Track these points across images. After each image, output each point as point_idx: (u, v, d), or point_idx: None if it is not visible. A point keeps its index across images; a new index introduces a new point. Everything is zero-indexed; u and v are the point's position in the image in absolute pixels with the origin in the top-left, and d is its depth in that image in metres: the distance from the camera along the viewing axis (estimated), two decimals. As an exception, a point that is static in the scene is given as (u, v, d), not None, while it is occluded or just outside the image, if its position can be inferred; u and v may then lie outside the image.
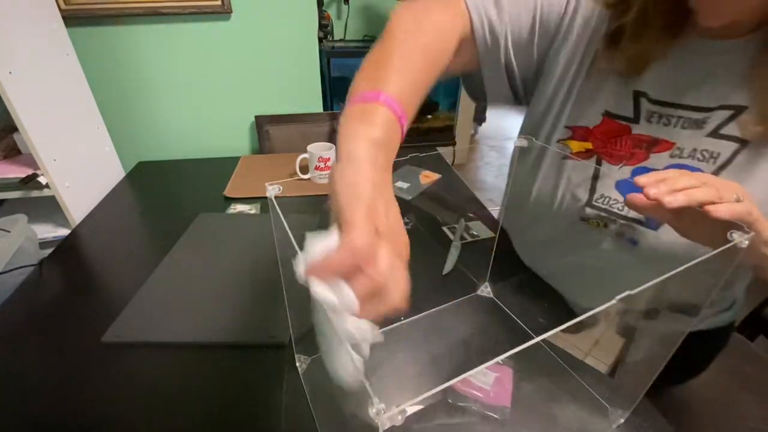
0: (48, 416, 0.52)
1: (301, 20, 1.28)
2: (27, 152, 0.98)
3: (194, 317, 0.65)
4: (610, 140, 0.53)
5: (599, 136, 0.53)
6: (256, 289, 0.71)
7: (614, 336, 0.57)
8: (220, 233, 0.88)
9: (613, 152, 0.53)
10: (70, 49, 1.04)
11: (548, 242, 0.65)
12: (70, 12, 1.10)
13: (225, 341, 0.61)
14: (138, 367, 0.58)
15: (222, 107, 1.36)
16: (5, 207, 1.02)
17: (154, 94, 1.29)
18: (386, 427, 0.21)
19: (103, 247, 0.89)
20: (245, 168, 1.20)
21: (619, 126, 0.52)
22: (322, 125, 1.39)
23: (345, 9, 1.90)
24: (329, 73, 1.72)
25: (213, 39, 1.24)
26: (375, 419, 0.21)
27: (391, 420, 0.21)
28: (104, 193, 1.08)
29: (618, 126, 0.52)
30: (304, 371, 0.56)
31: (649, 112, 0.50)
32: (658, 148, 0.49)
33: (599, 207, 0.54)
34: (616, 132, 0.52)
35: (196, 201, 1.03)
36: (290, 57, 1.32)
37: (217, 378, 0.56)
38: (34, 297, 0.73)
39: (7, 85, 0.79)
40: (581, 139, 0.55)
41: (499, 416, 0.50)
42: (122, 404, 0.53)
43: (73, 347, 0.61)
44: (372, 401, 0.21)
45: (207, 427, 0.50)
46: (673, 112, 0.48)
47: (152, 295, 0.70)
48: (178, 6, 1.16)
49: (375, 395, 0.21)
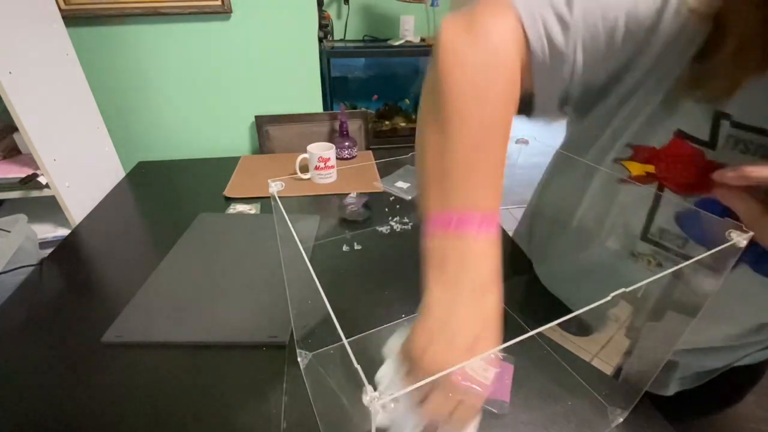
0: (48, 416, 0.52)
1: (301, 20, 1.28)
2: (27, 152, 0.98)
3: (194, 317, 0.65)
4: (677, 165, 0.45)
5: (666, 159, 0.45)
6: (256, 288, 0.71)
7: (621, 338, 0.57)
8: (220, 233, 0.88)
9: (679, 179, 0.45)
10: (70, 49, 1.04)
11: (585, 274, 0.58)
12: (70, 12, 1.10)
13: (225, 341, 0.61)
14: (138, 367, 0.58)
15: (222, 107, 1.36)
16: (5, 207, 1.02)
17: (154, 94, 1.29)
18: (379, 413, 0.21)
19: (103, 247, 0.89)
20: (245, 168, 1.20)
21: (691, 150, 0.43)
22: (322, 125, 1.39)
23: (345, 9, 1.90)
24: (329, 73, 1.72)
25: (213, 39, 1.24)
26: (368, 406, 0.21)
27: (385, 408, 0.21)
28: (104, 193, 1.08)
29: (690, 150, 0.43)
30: (305, 367, 0.57)
31: (727, 137, 0.41)
32: None
33: (655, 242, 0.47)
34: (686, 156, 0.44)
35: (196, 201, 1.03)
36: (290, 57, 1.32)
37: (217, 378, 0.56)
38: (34, 297, 0.73)
39: (7, 85, 0.79)
40: (644, 161, 0.47)
41: (497, 410, 0.50)
42: (122, 404, 0.53)
43: (73, 347, 0.61)
44: (365, 389, 0.22)
45: (207, 427, 0.50)
46: (756, 138, 0.40)
47: (152, 295, 0.70)
48: (178, 6, 1.16)
49: (368, 384, 0.22)
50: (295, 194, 1.04)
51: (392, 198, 1.03)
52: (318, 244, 0.85)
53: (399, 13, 1.93)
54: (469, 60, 0.36)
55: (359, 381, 0.23)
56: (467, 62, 0.36)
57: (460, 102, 0.35)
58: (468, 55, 0.36)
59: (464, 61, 0.36)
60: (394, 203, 1.01)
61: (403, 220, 0.93)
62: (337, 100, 1.85)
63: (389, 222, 0.92)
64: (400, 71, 2.12)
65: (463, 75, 0.35)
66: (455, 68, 0.36)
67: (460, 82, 0.35)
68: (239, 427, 0.50)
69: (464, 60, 0.36)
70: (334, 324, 0.26)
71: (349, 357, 0.23)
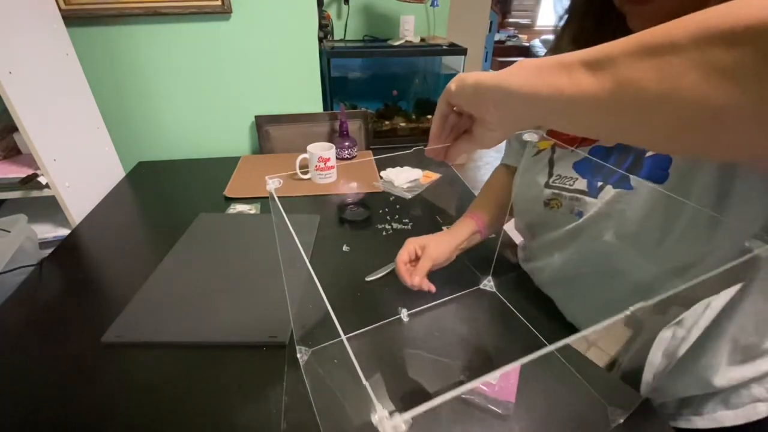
0: (48, 416, 0.52)
1: (301, 20, 1.28)
2: (27, 152, 0.98)
3: (194, 317, 0.65)
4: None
5: (563, 133, 0.56)
6: (256, 288, 0.71)
7: (622, 328, 0.57)
8: (220, 233, 0.88)
9: (566, 140, 0.56)
10: (70, 49, 1.04)
11: (536, 228, 0.66)
12: (70, 12, 1.10)
13: (225, 341, 0.61)
14: (138, 367, 0.58)
15: (222, 107, 1.36)
16: (5, 207, 1.02)
17: (154, 94, 1.29)
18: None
19: (103, 247, 0.89)
20: (245, 168, 1.20)
21: None
22: (322, 125, 1.39)
23: (345, 9, 1.90)
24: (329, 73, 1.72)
25: (213, 39, 1.24)
26: (378, 426, 0.19)
27: (396, 429, 0.19)
28: (104, 193, 1.08)
29: None
30: (305, 363, 0.57)
31: None
32: None
33: (554, 186, 0.56)
34: None
35: (196, 201, 1.03)
36: (290, 57, 1.32)
37: (217, 378, 0.56)
38: (34, 297, 0.73)
39: (7, 85, 0.79)
40: (547, 138, 0.59)
41: (502, 411, 0.50)
42: (122, 404, 0.53)
43: (73, 347, 0.61)
44: (375, 407, 0.20)
45: (207, 427, 0.50)
46: None
47: (152, 295, 0.70)
48: (178, 6, 1.16)
49: (378, 400, 0.20)
50: (295, 194, 1.04)
51: (392, 198, 1.03)
52: (318, 245, 0.85)
53: (399, 13, 1.93)
54: None
55: (367, 397, 0.21)
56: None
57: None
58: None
59: None
60: (394, 203, 1.01)
61: (403, 220, 0.93)
62: (337, 100, 1.85)
63: (389, 222, 0.92)
64: (400, 71, 2.13)
65: None
66: None
67: None
68: (239, 427, 0.50)
69: None
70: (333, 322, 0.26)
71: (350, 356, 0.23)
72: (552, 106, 0.29)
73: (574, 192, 0.54)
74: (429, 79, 2.17)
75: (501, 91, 0.31)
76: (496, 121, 0.34)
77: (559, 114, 0.30)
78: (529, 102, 0.30)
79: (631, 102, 0.25)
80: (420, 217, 0.95)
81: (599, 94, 0.26)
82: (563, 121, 0.30)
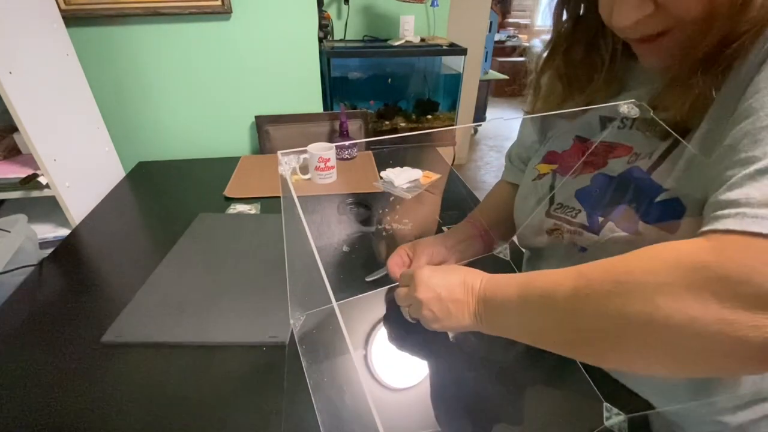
0: (48, 416, 0.52)
1: (301, 20, 1.28)
2: (27, 152, 0.98)
3: (194, 317, 0.65)
4: (570, 158, 0.55)
5: (563, 155, 0.56)
6: (256, 288, 0.71)
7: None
8: (220, 233, 0.88)
9: (568, 166, 0.55)
10: (70, 49, 1.04)
11: (543, 261, 0.63)
12: (70, 12, 1.10)
13: (225, 341, 0.61)
14: (138, 367, 0.58)
15: (222, 107, 1.36)
16: (5, 207, 1.02)
17: (154, 94, 1.29)
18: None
19: (103, 247, 0.89)
20: (245, 168, 1.20)
21: (584, 146, 0.54)
22: (322, 125, 1.39)
23: (345, 9, 1.90)
24: (329, 73, 1.72)
25: (213, 39, 1.24)
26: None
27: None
28: (104, 193, 1.08)
29: (584, 147, 0.54)
30: (298, 330, 0.57)
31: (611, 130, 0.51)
32: (614, 154, 0.49)
33: (555, 216, 0.54)
34: (581, 151, 0.54)
35: (196, 201, 1.03)
36: (290, 57, 1.32)
37: (217, 378, 0.56)
38: (34, 297, 0.73)
39: (7, 85, 0.79)
40: (549, 162, 0.58)
41: None
42: (122, 404, 0.53)
43: (72, 347, 0.61)
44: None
45: (206, 427, 0.50)
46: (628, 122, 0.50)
47: (152, 295, 0.70)
48: (178, 6, 1.16)
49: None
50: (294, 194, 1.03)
51: (392, 198, 1.03)
52: (318, 244, 0.85)
53: (399, 13, 1.93)
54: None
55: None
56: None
57: None
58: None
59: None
60: (394, 203, 1.01)
61: (403, 220, 0.93)
62: (337, 100, 1.85)
63: (389, 222, 0.92)
64: (400, 71, 2.13)
65: None
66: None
67: None
68: (239, 427, 0.50)
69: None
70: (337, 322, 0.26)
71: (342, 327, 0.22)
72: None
73: (576, 226, 0.51)
74: (429, 79, 2.17)
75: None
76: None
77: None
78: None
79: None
80: (420, 217, 0.95)
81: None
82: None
